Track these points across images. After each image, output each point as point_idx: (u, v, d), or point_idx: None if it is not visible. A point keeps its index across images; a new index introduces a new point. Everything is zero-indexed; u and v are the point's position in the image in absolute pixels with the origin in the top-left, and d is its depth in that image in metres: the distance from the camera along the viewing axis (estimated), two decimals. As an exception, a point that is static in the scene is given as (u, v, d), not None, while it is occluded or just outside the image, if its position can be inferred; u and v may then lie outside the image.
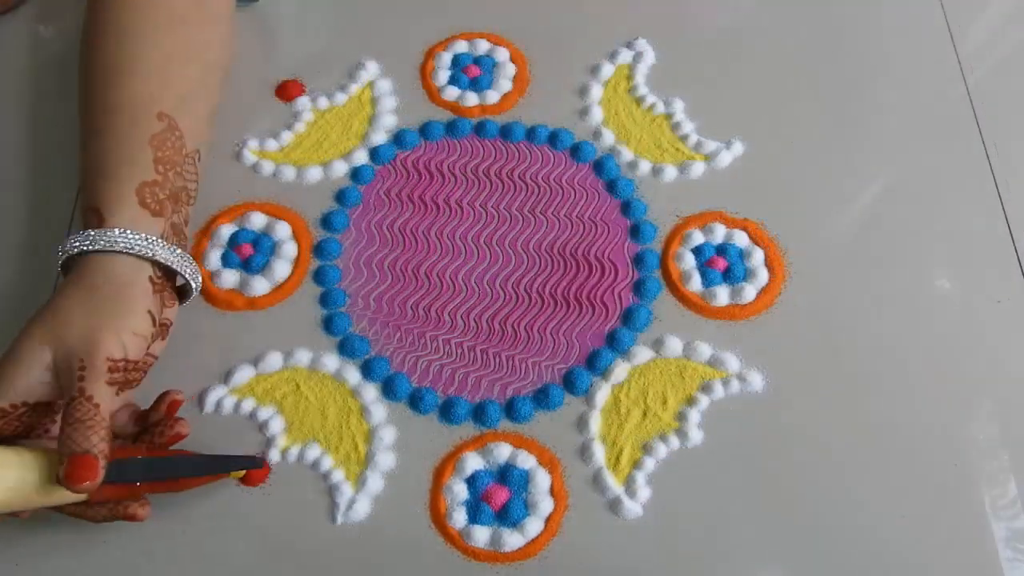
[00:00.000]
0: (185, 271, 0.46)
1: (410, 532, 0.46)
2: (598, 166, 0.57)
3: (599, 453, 0.48)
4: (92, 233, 0.44)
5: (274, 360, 0.50)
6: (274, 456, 0.48)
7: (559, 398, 0.49)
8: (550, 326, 0.51)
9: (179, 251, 0.46)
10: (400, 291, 0.53)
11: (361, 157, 0.57)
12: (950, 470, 0.47)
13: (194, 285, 0.47)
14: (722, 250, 0.53)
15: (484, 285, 0.53)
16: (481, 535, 0.46)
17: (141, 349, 0.43)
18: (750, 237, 0.54)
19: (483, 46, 0.61)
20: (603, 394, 0.49)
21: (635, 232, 0.54)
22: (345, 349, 0.51)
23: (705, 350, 0.50)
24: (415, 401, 0.49)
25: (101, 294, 0.42)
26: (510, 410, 0.49)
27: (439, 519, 0.46)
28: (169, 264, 0.45)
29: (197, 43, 0.52)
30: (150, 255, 0.44)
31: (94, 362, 0.40)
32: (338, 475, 0.47)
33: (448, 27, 0.62)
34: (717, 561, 0.45)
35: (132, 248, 0.44)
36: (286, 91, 0.59)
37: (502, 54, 0.61)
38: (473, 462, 0.47)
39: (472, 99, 0.59)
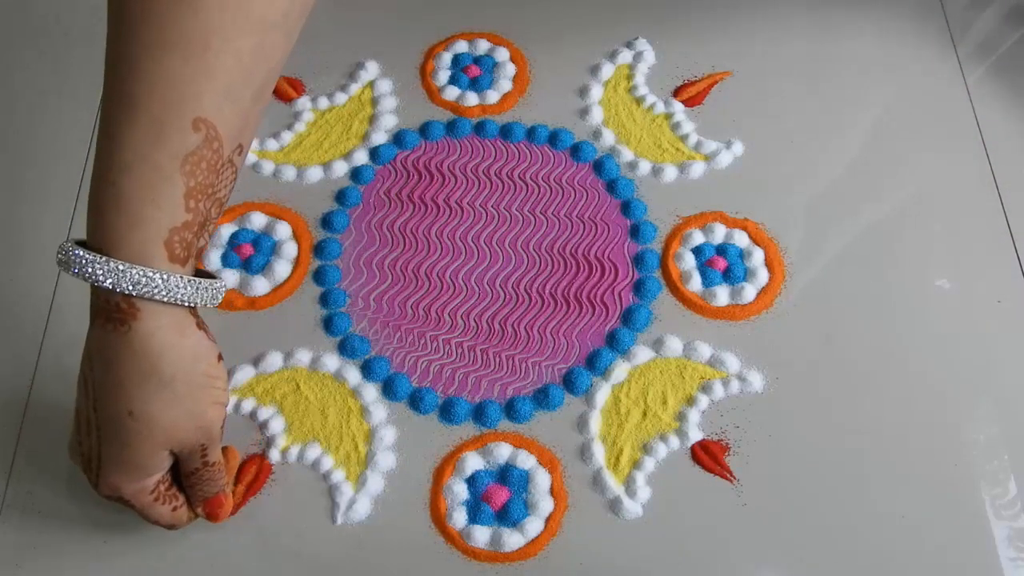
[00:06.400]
0: (217, 299, 0.41)
1: (410, 532, 0.46)
2: (598, 166, 0.57)
3: (599, 453, 0.48)
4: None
5: (274, 360, 0.50)
6: (274, 456, 0.48)
7: (559, 398, 0.49)
8: (550, 326, 0.51)
9: (205, 284, 0.40)
10: (400, 291, 0.53)
11: (361, 157, 0.57)
12: (950, 470, 0.47)
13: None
14: (722, 250, 0.53)
15: (484, 285, 0.53)
16: (481, 535, 0.45)
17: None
18: (750, 237, 0.54)
19: (483, 46, 0.61)
20: (603, 394, 0.49)
21: (635, 232, 0.54)
22: (345, 349, 0.51)
23: (705, 350, 0.50)
24: (415, 401, 0.49)
25: (184, 383, 0.40)
26: (510, 410, 0.49)
27: (439, 519, 0.46)
28: (205, 305, 0.41)
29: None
30: (192, 304, 0.40)
31: (212, 437, 0.42)
32: (338, 475, 0.47)
33: (448, 27, 0.62)
34: (717, 561, 0.45)
35: (179, 301, 0.39)
36: (286, 91, 0.59)
37: (502, 54, 0.61)
38: (473, 462, 0.47)
39: (472, 99, 0.59)
